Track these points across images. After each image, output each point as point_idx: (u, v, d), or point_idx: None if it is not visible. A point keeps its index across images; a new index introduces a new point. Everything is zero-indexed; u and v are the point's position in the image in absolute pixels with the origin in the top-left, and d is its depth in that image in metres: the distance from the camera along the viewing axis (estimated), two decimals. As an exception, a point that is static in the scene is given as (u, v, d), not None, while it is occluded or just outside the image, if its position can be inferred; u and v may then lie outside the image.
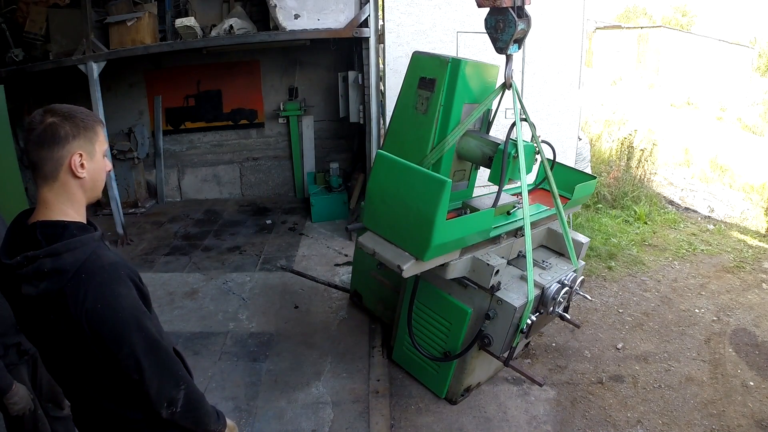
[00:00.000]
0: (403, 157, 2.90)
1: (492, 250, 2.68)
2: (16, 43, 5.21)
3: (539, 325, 2.84)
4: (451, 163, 2.88)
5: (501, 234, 2.72)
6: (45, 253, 1.16)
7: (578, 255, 2.88)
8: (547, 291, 2.64)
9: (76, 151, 1.22)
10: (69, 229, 1.22)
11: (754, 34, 24.06)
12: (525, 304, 2.50)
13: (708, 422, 2.97)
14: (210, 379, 3.12)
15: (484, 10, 2.50)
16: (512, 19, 2.39)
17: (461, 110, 2.77)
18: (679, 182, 8.09)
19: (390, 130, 3.12)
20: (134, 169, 6.21)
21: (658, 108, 13.82)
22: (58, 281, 1.16)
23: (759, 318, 4.11)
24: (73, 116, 1.22)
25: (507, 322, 2.53)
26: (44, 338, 1.27)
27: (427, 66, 2.81)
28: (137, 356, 1.22)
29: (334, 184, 5.84)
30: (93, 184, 1.29)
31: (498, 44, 2.53)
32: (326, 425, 2.80)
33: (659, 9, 31.92)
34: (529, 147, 2.68)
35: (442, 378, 2.98)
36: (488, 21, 2.49)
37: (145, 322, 1.25)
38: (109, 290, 1.18)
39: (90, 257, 1.20)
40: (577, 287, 2.79)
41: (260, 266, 4.65)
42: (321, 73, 6.42)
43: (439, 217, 2.15)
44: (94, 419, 1.39)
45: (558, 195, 2.71)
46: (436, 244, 2.22)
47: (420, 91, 2.83)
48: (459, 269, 2.60)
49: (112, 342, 1.20)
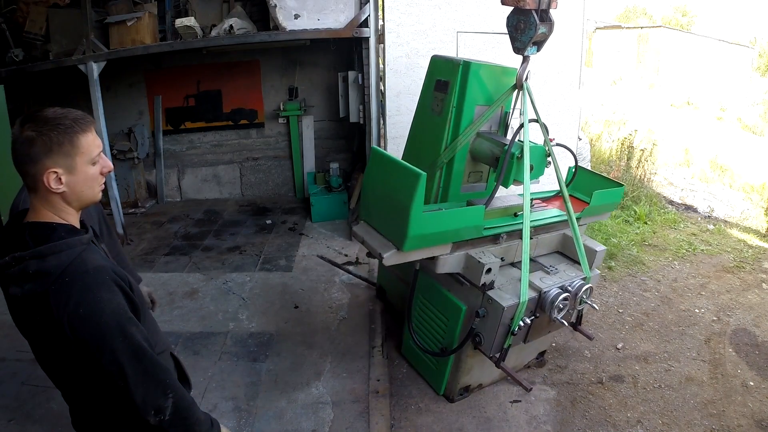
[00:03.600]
0: (420, 156, 3.03)
1: (490, 249, 2.66)
2: (16, 43, 5.21)
3: (539, 330, 2.78)
4: (464, 164, 2.92)
5: (501, 234, 2.70)
6: (31, 254, 1.16)
7: (592, 263, 2.79)
8: (545, 295, 2.58)
9: (50, 168, 1.18)
10: (57, 231, 1.21)
11: (754, 34, 24.10)
12: (516, 305, 2.47)
13: (708, 422, 2.98)
14: (210, 379, 3.12)
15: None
16: (534, 21, 2.38)
17: (473, 111, 2.81)
18: (679, 182, 8.09)
19: (410, 131, 3.21)
20: (134, 169, 6.22)
21: (658, 108, 13.82)
22: (42, 284, 1.15)
23: (759, 318, 4.11)
24: (48, 132, 1.17)
25: (496, 321, 2.51)
26: (33, 338, 1.27)
27: (442, 69, 2.89)
28: (120, 363, 1.19)
29: (334, 184, 5.84)
30: (76, 195, 1.25)
31: (516, 44, 2.51)
32: (326, 425, 2.80)
33: (659, 9, 31.96)
34: (538, 149, 2.64)
35: (440, 374, 3.01)
36: (510, 19, 2.48)
37: (130, 329, 1.21)
38: (91, 295, 1.16)
39: (75, 261, 1.18)
40: (584, 296, 2.68)
41: (260, 266, 4.65)
42: (321, 73, 6.42)
43: (415, 208, 2.22)
44: (88, 422, 1.39)
45: (569, 198, 2.67)
46: (413, 234, 2.28)
47: (435, 93, 2.92)
48: (450, 264, 2.60)
49: (94, 347, 1.18)
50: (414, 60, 4.61)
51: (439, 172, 2.94)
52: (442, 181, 2.97)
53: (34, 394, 2.92)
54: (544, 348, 3.33)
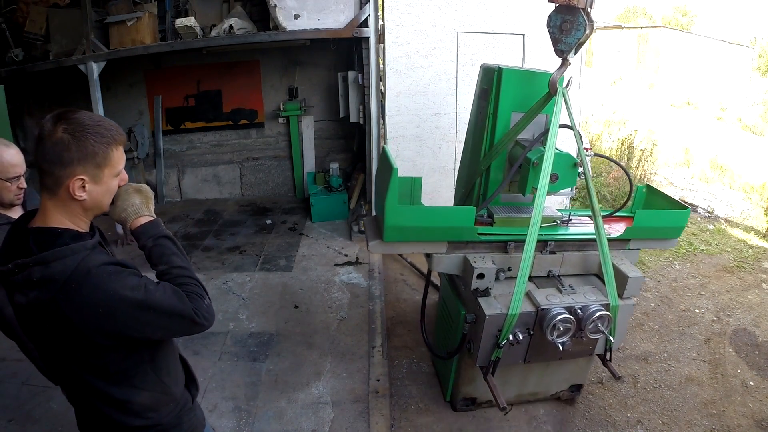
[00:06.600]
0: (466, 164, 3.03)
1: (493, 256, 2.55)
2: (16, 43, 5.21)
3: (542, 353, 2.52)
4: (503, 172, 2.81)
5: (509, 242, 2.57)
6: (34, 261, 1.13)
7: (623, 290, 2.51)
8: (543, 312, 2.38)
9: (79, 175, 1.16)
10: (62, 236, 1.18)
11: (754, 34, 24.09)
12: (502, 315, 2.33)
13: (708, 422, 2.98)
14: (210, 379, 3.12)
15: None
16: (582, 21, 2.17)
17: (509, 118, 2.72)
18: (679, 182, 8.09)
19: (465, 140, 3.17)
20: (134, 169, 6.22)
21: (658, 108, 13.82)
22: (48, 291, 1.12)
23: (759, 318, 4.11)
24: (85, 137, 1.14)
25: (480, 329, 2.41)
26: (42, 343, 1.24)
27: (485, 76, 2.84)
28: (164, 327, 1.25)
29: (334, 184, 5.84)
30: (95, 204, 1.24)
31: (560, 46, 2.31)
32: (326, 425, 2.80)
33: (659, 9, 31.97)
34: (563, 156, 2.47)
35: (447, 379, 2.99)
36: (552, 18, 2.29)
37: (153, 300, 1.20)
38: (103, 293, 1.14)
39: (79, 265, 1.15)
40: (599, 324, 2.38)
41: (260, 266, 4.65)
42: (321, 73, 6.42)
43: (389, 199, 2.26)
44: (94, 424, 1.38)
45: (599, 213, 2.40)
46: (389, 224, 2.34)
47: (479, 101, 2.88)
48: (447, 264, 2.59)
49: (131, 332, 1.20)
50: (414, 60, 4.61)
51: (479, 179, 2.87)
52: (482, 189, 2.90)
53: (34, 394, 2.92)
54: (578, 381, 3.00)
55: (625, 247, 2.80)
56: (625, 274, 2.52)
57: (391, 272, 4.63)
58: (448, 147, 4.95)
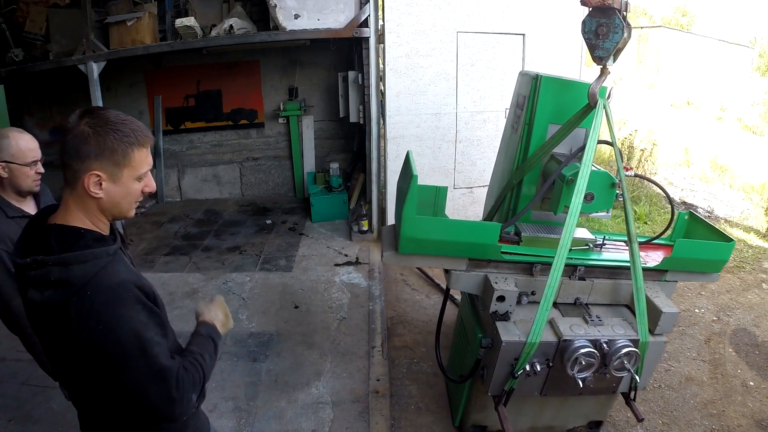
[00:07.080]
0: (498, 176, 2.83)
1: (517, 278, 2.36)
2: (16, 43, 5.21)
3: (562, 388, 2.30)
4: (536, 187, 2.61)
5: (534, 264, 2.37)
6: (54, 261, 1.11)
7: (655, 326, 2.29)
8: (566, 344, 2.17)
9: (94, 170, 1.14)
10: (84, 238, 1.16)
11: (754, 34, 24.13)
12: (520, 344, 2.15)
13: (708, 422, 2.98)
14: (210, 379, 3.11)
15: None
16: (620, 23, 2.03)
17: (545, 130, 2.51)
18: (679, 182, 8.09)
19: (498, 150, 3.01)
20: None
21: (658, 108, 13.82)
22: (63, 293, 1.11)
23: (759, 318, 4.11)
24: (106, 132, 1.13)
25: (495, 356, 2.24)
26: (48, 342, 1.24)
27: (523, 84, 2.64)
28: (142, 384, 1.16)
29: (334, 184, 5.84)
30: (113, 205, 1.20)
31: (597, 53, 2.14)
32: (326, 425, 2.80)
33: (659, 9, 31.96)
34: (600, 175, 2.27)
35: (457, 404, 2.80)
36: (587, 24, 2.14)
37: (151, 349, 1.16)
38: (112, 312, 1.12)
39: (99, 273, 1.13)
40: (626, 361, 2.16)
41: (260, 266, 4.65)
42: (321, 73, 6.42)
43: (407, 209, 2.12)
44: (98, 427, 1.38)
45: (635, 239, 2.18)
46: (405, 235, 2.21)
47: (516, 110, 2.69)
48: (465, 283, 2.40)
49: (115, 365, 1.15)
50: (414, 60, 4.61)
51: (509, 193, 2.68)
52: (512, 203, 2.70)
53: (34, 394, 2.92)
54: (598, 418, 2.78)
55: (662, 278, 2.56)
56: (659, 309, 2.31)
57: (391, 272, 4.63)
58: (448, 147, 4.95)
